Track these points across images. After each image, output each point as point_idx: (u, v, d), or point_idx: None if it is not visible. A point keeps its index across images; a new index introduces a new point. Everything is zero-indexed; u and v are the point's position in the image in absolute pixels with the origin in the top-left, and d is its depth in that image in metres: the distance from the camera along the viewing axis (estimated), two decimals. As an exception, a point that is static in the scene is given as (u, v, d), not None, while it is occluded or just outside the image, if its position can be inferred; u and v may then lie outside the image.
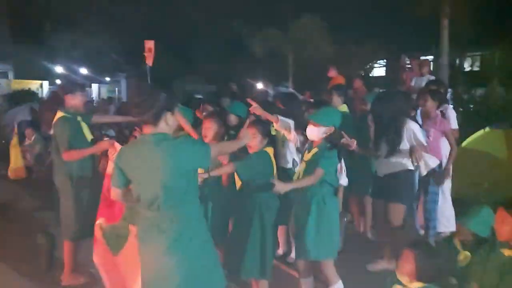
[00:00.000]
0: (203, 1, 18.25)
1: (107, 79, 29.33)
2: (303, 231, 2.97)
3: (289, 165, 3.96)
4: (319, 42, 13.24)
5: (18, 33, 28.25)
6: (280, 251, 4.24)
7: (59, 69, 27.38)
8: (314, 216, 2.95)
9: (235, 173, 3.17)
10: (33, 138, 7.85)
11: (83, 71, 27.76)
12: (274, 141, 3.29)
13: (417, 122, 4.22)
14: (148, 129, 2.12)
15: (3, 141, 9.17)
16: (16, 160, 7.50)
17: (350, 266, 3.89)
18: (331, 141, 3.01)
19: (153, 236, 2.12)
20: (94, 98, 24.13)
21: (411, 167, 3.69)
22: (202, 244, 2.19)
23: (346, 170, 4.38)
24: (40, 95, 20.50)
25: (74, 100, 3.54)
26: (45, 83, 24.27)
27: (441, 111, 4.48)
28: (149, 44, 8.66)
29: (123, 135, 8.25)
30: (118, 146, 3.20)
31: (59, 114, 3.49)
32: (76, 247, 3.59)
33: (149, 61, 8.71)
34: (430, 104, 4.27)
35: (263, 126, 3.13)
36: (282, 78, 13.80)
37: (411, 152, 3.49)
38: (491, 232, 2.53)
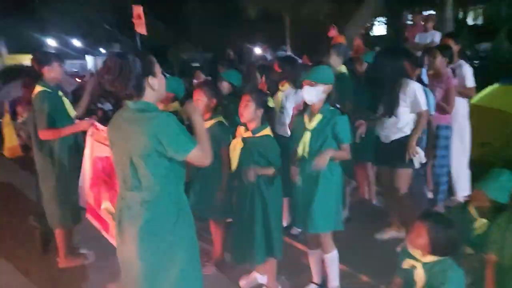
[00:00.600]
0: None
1: (103, 51, 28.76)
2: (310, 204, 2.77)
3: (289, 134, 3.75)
4: (316, 1, 12.64)
5: (10, 6, 27.46)
6: (284, 223, 4.09)
7: (52, 42, 26.85)
8: (321, 188, 2.76)
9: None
10: (25, 115, 7.61)
11: (77, 43, 27.20)
12: (271, 115, 3.02)
13: (422, 82, 3.98)
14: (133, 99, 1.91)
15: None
16: (10, 139, 7.28)
17: (358, 235, 3.80)
18: (333, 102, 2.78)
19: (122, 219, 1.96)
20: (90, 70, 23.68)
21: None
22: (173, 246, 1.93)
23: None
24: (34, 69, 19.98)
25: (53, 72, 3.25)
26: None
27: (452, 69, 4.20)
28: (138, 10, 8.12)
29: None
30: (99, 126, 3.03)
31: (38, 88, 3.21)
32: (68, 233, 3.44)
33: (140, 29, 8.21)
34: (440, 61, 3.98)
35: (258, 95, 2.84)
36: (280, 41, 13.33)
37: (406, 147, 3.34)
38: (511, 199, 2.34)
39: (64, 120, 3.24)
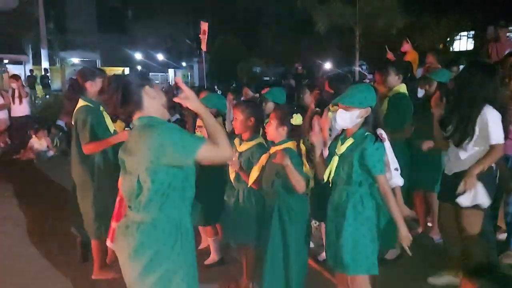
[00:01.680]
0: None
1: (183, 64, 30.39)
2: (338, 239, 2.47)
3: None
4: (390, 15, 11.96)
5: (105, 24, 30.38)
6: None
7: (138, 55, 29.07)
8: (350, 222, 2.43)
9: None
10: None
11: (161, 57, 29.10)
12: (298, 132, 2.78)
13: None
14: (137, 114, 1.88)
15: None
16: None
17: (408, 275, 3.35)
18: (371, 128, 2.42)
19: (118, 238, 1.90)
20: (169, 83, 25.12)
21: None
22: (169, 274, 1.81)
23: (411, 163, 3.73)
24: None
25: (95, 87, 3.32)
26: (126, 70, 25.81)
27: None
28: (204, 26, 8.35)
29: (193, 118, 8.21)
30: None
31: (81, 103, 3.30)
32: (103, 245, 3.45)
33: (203, 45, 8.44)
34: None
35: (281, 112, 2.67)
36: (351, 56, 12.85)
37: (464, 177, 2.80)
38: None
39: (104, 134, 3.29)
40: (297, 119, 2.67)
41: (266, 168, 2.71)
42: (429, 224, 4.27)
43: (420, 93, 4.68)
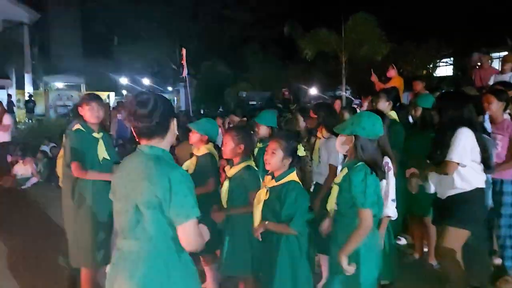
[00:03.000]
0: (255, 7, 18.19)
1: (169, 88, 30.44)
2: (335, 273, 2.42)
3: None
4: (374, 41, 12.32)
5: (90, 49, 30.43)
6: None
7: (124, 80, 29.01)
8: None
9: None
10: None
11: (146, 81, 29.10)
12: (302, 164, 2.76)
13: (484, 129, 3.51)
14: (147, 141, 1.80)
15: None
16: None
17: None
18: (360, 156, 2.35)
19: (114, 273, 1.79)
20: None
21: (479, 185, 2.98)
22: None
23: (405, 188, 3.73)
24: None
25: (88, 112, 3.24)
26: (112, 94, 25.68)
27: (510, 114, 3.70)
28: (183, 52, 8.61)
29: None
30: None
31: (76, 126, 3.26)
32: (95, 274, 3.33)
33: (184, 71, 8.68)
34: (495, 106, 3.51)
35: (287, 143, 2.60)
36: (337, 81, 13.11)
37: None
38: None
39: (92, 162, 3.20)
40: (300, 150, 2.62)
41: (264, 204, 2.62)
42: (425, 250, 4.25)
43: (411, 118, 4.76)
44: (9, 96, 19.73)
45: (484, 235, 3.65)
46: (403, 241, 4.66)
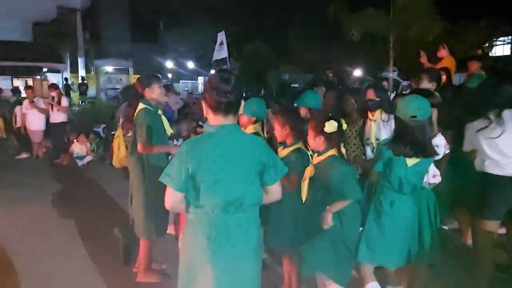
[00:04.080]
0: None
1: (212, 71, 30.78)
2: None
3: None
4: (426, 21, 11.68)
5: (137, 34, 31.29)
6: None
7: (170, 64, 29.69)
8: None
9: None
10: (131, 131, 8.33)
11: (191, 65, 29.62)
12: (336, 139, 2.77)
13: None
14: (223, 118, 1.92)
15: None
16: (119, 151, 8.00)
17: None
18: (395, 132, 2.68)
19: (236, 242, 1.92)
20: (199, 90, 25.51)
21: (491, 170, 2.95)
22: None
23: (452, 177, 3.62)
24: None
25: (153, 94, 3.47)
26: (158, 78, 26.35)
27: None
28: (221, 37, 8.55)
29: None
30: None
31: (141, 105, 3.43)
32: (152, 245, 3.54)
33: (219, 54, 8.64)
34: None
35: (315, 121, 2.76)
36: (385, 63, 12.62)
37: None
38: None
39: (160, 137, 3.41)
40: (330, 126, 2.65)
41: (313, 180, 2.72)
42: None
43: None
44: (66, 79, 20.83)
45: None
46: (450, 226, 4.54)
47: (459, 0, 14.25)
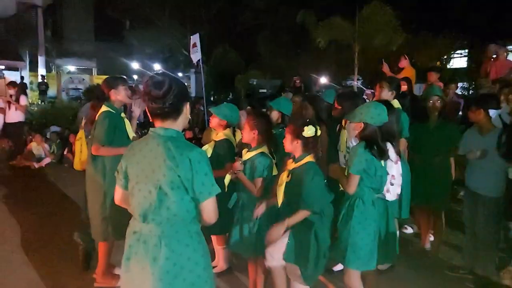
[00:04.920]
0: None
1: (180, 74, 30.46)
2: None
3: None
4: (389, 31, 12.15)
5: (102, 33, 30.49)
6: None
7: (135, 65, 29.08)
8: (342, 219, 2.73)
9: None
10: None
11: (157, 67, 29.14)
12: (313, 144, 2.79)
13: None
14: (161, 123, 1.83)
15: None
16: (80, 153, 7.74)
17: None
18: (368, 140, 2.64)
19: (133, 256, 1.83)
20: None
21: None
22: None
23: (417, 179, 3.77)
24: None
25: (118, 95, 3.42)
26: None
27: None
28: (195, 39, 8.50)
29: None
30: None
31: (103, 108, 3.37)
32: (110, 248, 3.44)
33: (194, 57, 8.56)
34: None
35: (293, 125, 2.75)
36: (350, 71, 12.99)
37: None
38: None
39: (122, 140, 3.32)
40: (308, 131, 2.69)
41: (288, 186, 2.72)
42: (431, 239, 4.30)
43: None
44: (22, 78, 19.93)
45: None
46: (409, 230, 4.70)
47: (420, 14, 14.90)
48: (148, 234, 1.80)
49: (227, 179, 3.05)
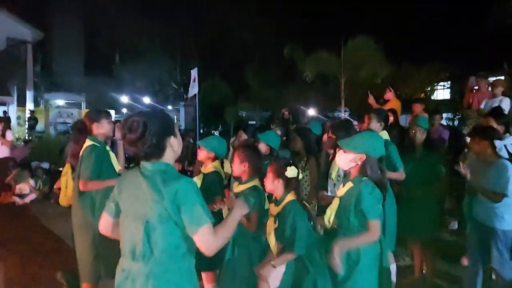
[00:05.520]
0: (256, 29, 18.54)
1: (169, 107, 30.65)
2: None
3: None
4: (374, 64, 12.53)
5: (91, 67, 30.76)
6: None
7: (125, 98, 29.18)
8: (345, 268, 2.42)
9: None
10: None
11: (147, 100, 29.29)
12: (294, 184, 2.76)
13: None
14: (145, 161, 1.80)
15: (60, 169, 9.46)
16: (66, 188, 7.59)
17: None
18: (368, 174, 2.44)
19: None
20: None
21: None
22: None
23: (405, 210, 3.76)
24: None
25: (101, 129, 3.40)
26: (112, 112, 25.71)
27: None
28: (194, 73, 8.70)
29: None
30: None
31: (88, 142, 3.34)
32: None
33: (192, 91, 8.75)
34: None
35: (277, 165, 2.70)
36: (336, 103, 13.24)
37: None
38: None
39: (109, 173, 3.30)
40: (291, 171, 2.66)
41: (277, 231, 2.68)
42: (424, 271, 4.25)
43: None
44: (5, 113, 19.72)
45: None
46: (401, 262, 4.65)
47: (404, 47, 15.44)
48: (136, 273, 1.73)
49: (226, 212, 3.00)
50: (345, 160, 2.51)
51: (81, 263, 3.32)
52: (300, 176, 2.75)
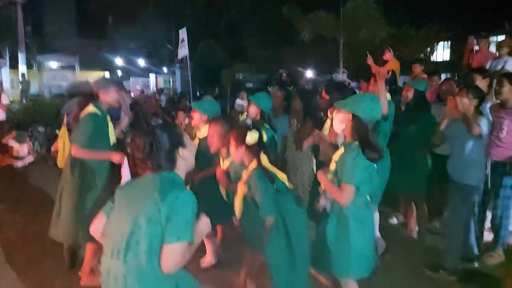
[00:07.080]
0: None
1: (165, 70, 30.22)
2: (323, 244, 2.52)
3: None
4: (373, 25, 12.27)
5: (84, 29, 30.00)
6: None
7: (119, 61, 28.71)
8: (332, 229, 2.48)
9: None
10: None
11: (142, 62, 28.82)
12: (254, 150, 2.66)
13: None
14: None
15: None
16: (63, 150, 7.61)
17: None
18: (360, 136, 2.36)
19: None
20: (150, 88, 24.89)
21: None
22: None
23: (398, 168, 3.82)
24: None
25: (108, 97, 3.36)
26: (107, 74, 25.41)
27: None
28: (182, 34, 8.44)
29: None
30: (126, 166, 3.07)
31: (90, 108, 3.28)
32: (98, 249, 3.40)
33: (182, 52, 8.51)
34: (507, 89, 3.55)
35: (237, 131, 2.64)
36: (335, 64, 13.08)
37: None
38: None
39: (104, 144, 3.30)
40: (251, 137, 2.59)
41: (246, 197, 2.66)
42: (417, 229, 4.37)
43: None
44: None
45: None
46: (394, 220, 4.77)
47: (403, 8, 15.05)
48: (115, 272, 1.70)
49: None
50: (337, 121, 2.52)
51: (62, 223, 3.36)
52: (265, 137, 2.67)
